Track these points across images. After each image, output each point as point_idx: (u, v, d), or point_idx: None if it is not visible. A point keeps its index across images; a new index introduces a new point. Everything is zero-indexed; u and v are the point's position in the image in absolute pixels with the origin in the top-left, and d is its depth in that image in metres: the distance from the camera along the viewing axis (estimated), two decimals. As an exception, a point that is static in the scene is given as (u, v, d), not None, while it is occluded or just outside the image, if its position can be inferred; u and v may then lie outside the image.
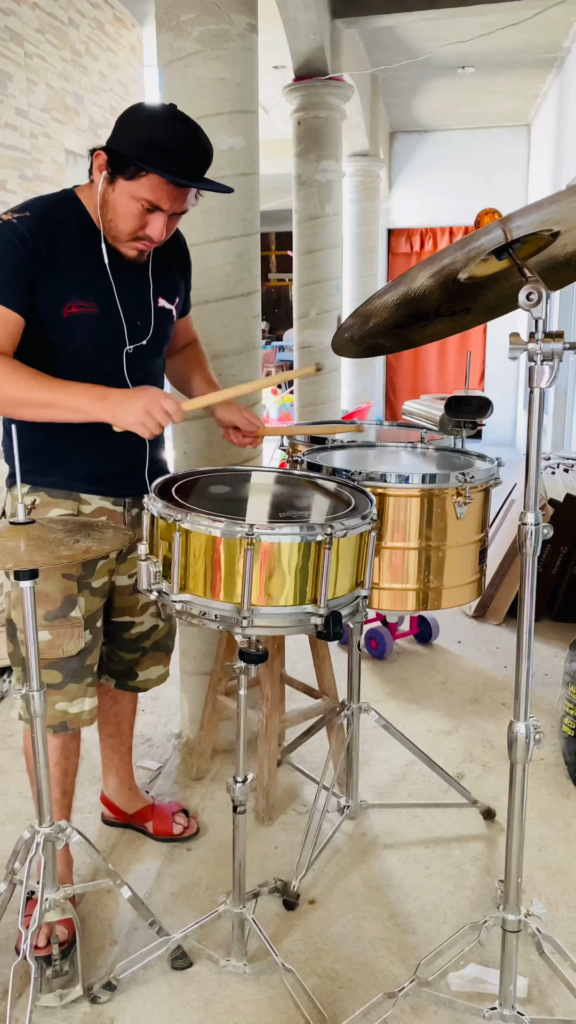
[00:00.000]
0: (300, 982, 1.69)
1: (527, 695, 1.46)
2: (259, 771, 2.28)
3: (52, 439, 1.72)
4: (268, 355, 10.86)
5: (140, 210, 1.60)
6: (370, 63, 6.42)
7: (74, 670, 1.79)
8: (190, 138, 1.57)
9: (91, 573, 1.80)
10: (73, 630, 1.76)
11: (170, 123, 1.56)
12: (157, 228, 1.63)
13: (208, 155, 1.62)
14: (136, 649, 2.01)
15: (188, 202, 1.65)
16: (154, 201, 1.58)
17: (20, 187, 3.91)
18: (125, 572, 1.90)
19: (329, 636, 1.48)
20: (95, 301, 1.66)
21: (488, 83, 7.09)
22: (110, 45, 4.90)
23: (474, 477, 1.87)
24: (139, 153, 1.53)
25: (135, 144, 1.54)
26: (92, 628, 1.82)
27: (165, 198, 1.59)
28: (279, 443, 2.39)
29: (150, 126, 1.55)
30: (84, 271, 1.65)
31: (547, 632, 3.65)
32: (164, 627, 2.04)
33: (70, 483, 1.76)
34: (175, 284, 1.86)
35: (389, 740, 2.44)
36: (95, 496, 1.80)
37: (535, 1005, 1.68)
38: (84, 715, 1.82)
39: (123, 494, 1.84)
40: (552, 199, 1.30)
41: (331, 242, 5.43)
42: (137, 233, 1.64)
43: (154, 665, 2.06)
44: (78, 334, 1.66)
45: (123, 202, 1.60)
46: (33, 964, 1.54)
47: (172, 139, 1.54)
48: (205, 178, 1.63)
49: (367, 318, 1.72)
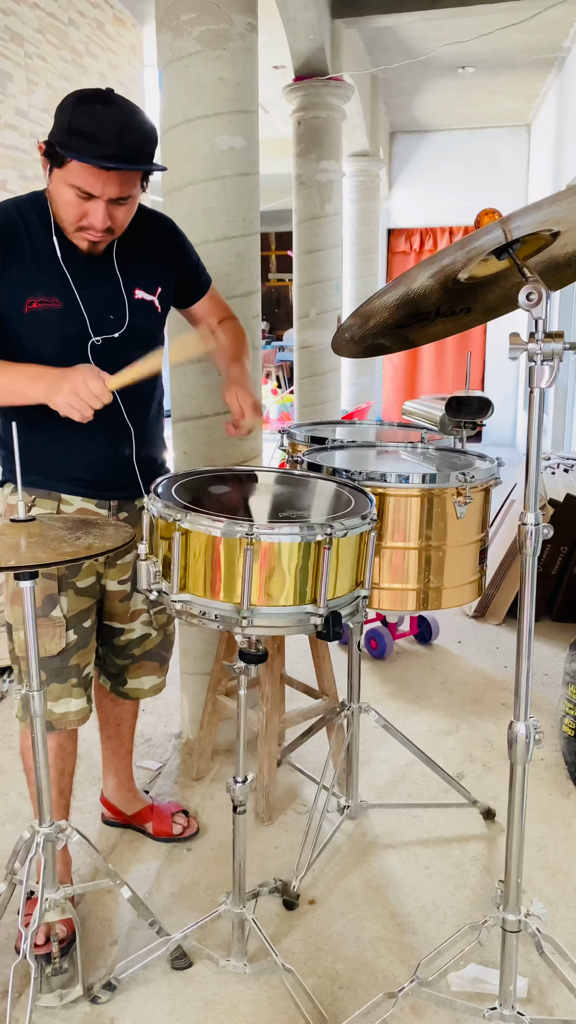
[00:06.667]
0: (300, 982, 1.69)
1: (527, 695, 1.46)
2: (259, 771, 2.28)
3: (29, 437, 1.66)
4: (268, 355, 10.85)
5: (76, 198, 1.56)
6: (370, 63, 6.42)
7: (56, 669, 1.77)
8: (111, 120, 1.49)
9: (76, 573, 1.77)
10: (54, 630, 1.74)
11: (89, 105, 1.50)
12: (98, 217, 1.57)
13: (140, 134, 1.54)
14: (126, 656, 1.98)
15: (129, 187, 1.57)
16: (84, 187, 1.53)
17: (20, 187, 3.91)
18: (115, 577, 1.87)
19: (329, 636, 1.48)
20: (57, 295, 1.64)
21: (488, 83, 7.09)
22: (110, 45, 4.90)
23: (474, 477, 1.87)
24: (61, 139, 1.50)
25: (59, 130, 1.51)
26: (78, 628, 1.79)
27: (95, 183, 1.53)
28: (279, 443, 2.39)
29: (71, 111, 1.51)
30: (47, 267, 1.64)
31: (547, 632, 3.65)
32: (157, 637, 2.00)
33: (48, 482, 1.74)
34: (155, 273, 1.80)
35: (389, 740, 2.44)
36: (76, 497, 1.77)
37: (535, 1005, 1.68)
38: (70, 716, 1.80)
39: (107, 496, 1.80)
40: (552, 199, 1.30)
41: (331, 242, 5.43)
42: (79, 223, 1.60)
43: (146, 675, 2.02)
44: (41, 329, 1.64)
45: (60, 191, 1.57)
46: (33, 964, 1.54)
47: (92, 122, 1.48)
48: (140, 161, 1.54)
49: (367, 318, 1.72)
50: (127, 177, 1.56)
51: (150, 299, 1.79)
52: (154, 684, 2.04)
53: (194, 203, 2.36)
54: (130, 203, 1.62)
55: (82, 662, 1.82)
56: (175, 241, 1.87)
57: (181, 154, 2.35)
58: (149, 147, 1.57)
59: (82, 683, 1.82)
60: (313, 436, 2.33)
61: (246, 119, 2.36)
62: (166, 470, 1.95)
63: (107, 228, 1.61)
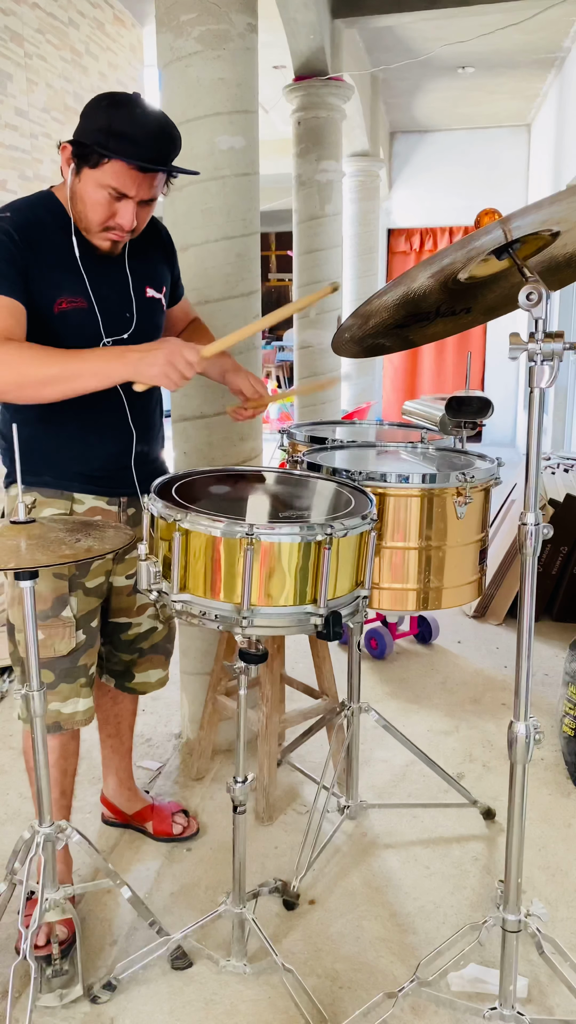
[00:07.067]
0: (300, 982, 1.69)
1: (527, 695, 1.46)
2: (259, 771, 2.28)
3: (43, 437, 1.71)
4: (268, 355, 10.86)
5: (108, 199, 1.60)
6: (370, 63, 6.42)
7: (66, 670, 1.79)
8: (150, 123, 1.57)
9: (85, 573, 1.79)
10: (64, 630, 1.76)
11: (129, 109, 1.56)
12: (127, 216, 1.62)
13: (172, 140, 1.61)
14: (133, 650, 2.01)
15: (157, 189, 1.65)
16: (120, 188, 1.58)
17: (20, 187, 3.91)
18: (123, 573, 1.90)
19: (329, 636, 1.48)
20: (81, 296, 1.68)
21: (488, 83, 7.09)
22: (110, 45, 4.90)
23: (474, 477, 1.87)
24: (100, 140, 1.54)
25: (96, 131, 1.55)
26: (86, 628, 1.81)
27: (130, 184, 1.59)
28: (279, 443, 2.39)
29: (109, 113, 1.55)
30: (67, 267, 1.66)
31: (547, 632, 3.66)
32: (163, 630, 2.03)
33: (61, 482, 1.76)
34: (160, 273, 1.86)
35: (389, 740, 2.44)
36: (88, 496, 1.79)
37: (535, 1005, 1.68)
38: (78, 716, 1.82)
39: (117, 493, 1.83)
40: (552, 199, 1.30)
41: (331, 242, 5.43)
42: (107, 223, 1.64)
43: (152, 668, 2.05)
44: (70, 329, 1.67)
45: (90, 192, 1.60)
46: (33, 964, 1.54)
47: (131, 124, 1.55)
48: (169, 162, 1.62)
49: (367, 318, 1.72)
50: (157, 179, 1.62)
51: (159, 297, 1.84)
52: (160, 677, 2.07)
53: (194, 203, 2.36)
54: (153, 204, 1.68)
55: (88, 661, 1.84)
56: (170, 245, 1.94)
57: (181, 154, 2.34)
58: (177, 150, 1.64)
59: (88, 682, 1.84)
60: (313, 436, 2.33)
61: (246, 119, 2.36)
62: (165, 469, 1.96)
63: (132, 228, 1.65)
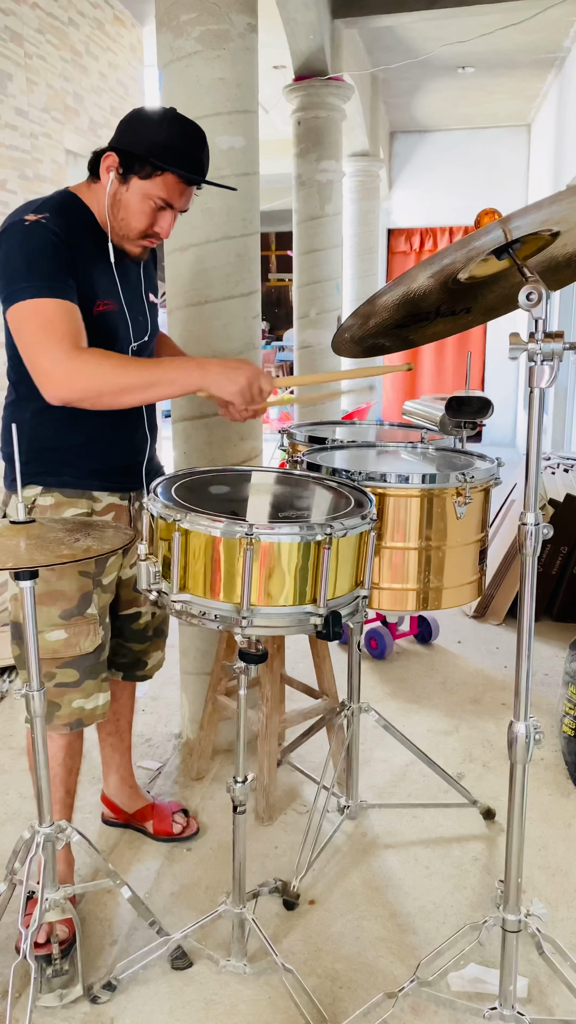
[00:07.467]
0: (300, 982, 1.69)
1: (527, 695, 1.46)
2: (259, 771, 2.28)
3: (69, 437, 1.74)
4: (268, 355, 10.86)
5: (152, 208, 1.69)
6: (370, 63, 6.42)
7: (90, 667, 1.81)
8: (198, 138, 1.68)
9: (102, 570, 1.82)
10: (89, 627, 1.79)
11: (180, 125, 1.67)
12: (166, 224, 1.72)
13: (208, 151, 1.72)
14: (144, 639, 2.05)
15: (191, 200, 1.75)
16: (168, 199, 1.68)
17: (20, 187, 3.91)
18: (129, 564, 1.93)
19: (329, 636, 1.48)
20: (113, 299, 1.73)
21: (488, 83, 7.09)
22: (110, 45, 4.90)
23: (474, 477, 1.87)
24: (155, 152, 1.63)
25: (151, 144, 1.63)
26: (103, 624, 1.85)
27: (177, 196, 1.69)
28: (279, 443, 2.39)
29: (163, 128, 1.65)
30: (103, 270, 1.71)
31: (547, 632, 3.66)
32: (161, 613, 2.08)
33: (81, 481, 1.78)
34: (155, 279, 1.94)
35: (389, 740, 2.44)
36: (105, 492, 1.82)
37: (535, 1005, 1.68)
38: (99, 710, 1.85)
39: (127, 488, 1.87)
40: (552, 199, 1.30)
41: (331, 242, 5.43)
42: (147, 231, 1.71)
43: (156, 651, 2.12)
44: (106, 332, 1.71)
45: (136, 201, 1.67)
46: (33, 964, 1.54)
47: (184, 139, 1.65)
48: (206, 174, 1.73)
49: (367, 318, 1.72)
50: (193, 190, 1.73)
51: (156, 302, 1.91)
52: (160, 659, 2.15)
53: (194, 203, 2.35)
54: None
55: (105, 656, 1.88)
56: (155, 256, 1.98)
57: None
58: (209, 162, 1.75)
59: (107, 676, 1.89)
60: (313, 436, 2.33)
61: (246, 119, 2.37)
62: (162, 470, 1.99)
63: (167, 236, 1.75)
